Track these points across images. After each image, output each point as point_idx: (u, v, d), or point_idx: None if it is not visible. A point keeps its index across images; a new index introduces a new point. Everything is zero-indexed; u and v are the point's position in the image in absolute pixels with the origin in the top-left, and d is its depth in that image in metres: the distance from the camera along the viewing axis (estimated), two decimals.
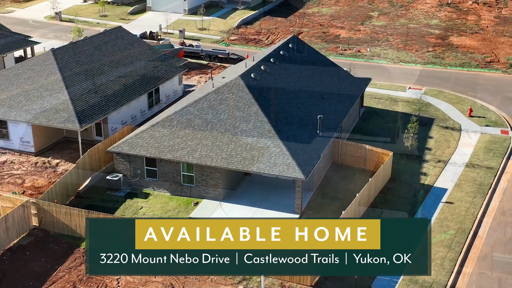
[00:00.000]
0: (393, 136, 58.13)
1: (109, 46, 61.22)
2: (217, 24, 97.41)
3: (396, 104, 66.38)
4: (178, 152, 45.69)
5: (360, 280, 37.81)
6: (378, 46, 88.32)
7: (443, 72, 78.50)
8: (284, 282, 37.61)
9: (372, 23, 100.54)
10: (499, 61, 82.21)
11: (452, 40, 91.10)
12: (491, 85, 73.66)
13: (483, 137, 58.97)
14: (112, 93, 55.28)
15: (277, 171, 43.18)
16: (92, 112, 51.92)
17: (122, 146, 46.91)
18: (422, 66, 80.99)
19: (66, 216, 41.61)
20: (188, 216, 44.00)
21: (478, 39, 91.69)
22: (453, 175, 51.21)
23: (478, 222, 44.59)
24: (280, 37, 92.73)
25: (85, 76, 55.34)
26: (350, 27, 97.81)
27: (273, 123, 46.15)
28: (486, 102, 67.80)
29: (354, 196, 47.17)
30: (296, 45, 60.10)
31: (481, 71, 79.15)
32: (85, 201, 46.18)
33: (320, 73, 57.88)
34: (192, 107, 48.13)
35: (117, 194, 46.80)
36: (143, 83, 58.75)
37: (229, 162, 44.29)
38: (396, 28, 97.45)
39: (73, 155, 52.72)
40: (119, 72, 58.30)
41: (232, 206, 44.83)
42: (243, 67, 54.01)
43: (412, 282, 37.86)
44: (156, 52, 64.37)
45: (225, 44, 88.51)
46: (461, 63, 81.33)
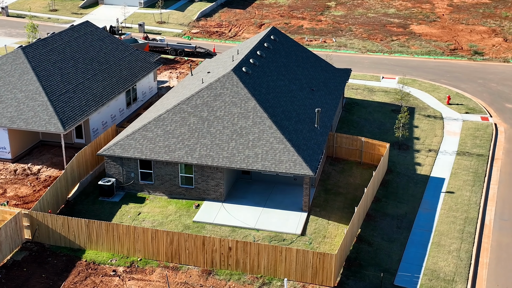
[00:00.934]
0: (380, 127, 57.50)
1: (80, 42, 57.79)
2: (176, 17, 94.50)
3: (374, 94, 65.90)
4: (175, 153, 43.33)
5: (381, 277, 36.79)
6: (343, 36, 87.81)
7: (411, 61, 78.71)
8: (306, 285, 36.14)
9: (331, 13, 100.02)
10: (462, 48, 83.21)
11: (413, 28, 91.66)
12: (460, 72, 74.33)
13: (465, 124, 59.20)
14: (91, 93, 52.13)
15: (284, 168, 41.56)
16: (74, 113, 48.72)
17: (113, 149, 44.10)
18: (389, 55, 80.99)
19: (63, 227, 38.64)
20: (192, 220, 41.77)
21: (437, 27, 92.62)
22: (447, 164, 51.01)
23: (482, 211, 44.43)
24: (243, 29, 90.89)
25: (61, 75, 51.91)
26: (310, 18, 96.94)
27: (273, 118, 44.45)
28: (461, 90, 68.28)
29: (356, 190, 46.37)
30: (277, 37, 58.45)
31: (447, 58, 79.84)
32: (77, 208, 43.20)
33: (305, 64, 56.50)
34: (185, 105, 45.79)
35: (111, 200, 44.01)
36: (121, 81, 55.77)
37: (232, 161, 42.32)
38: (356, 18, 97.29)
39: (54, 160, 49.39)
40: (95, 69, 55.09)
41: (235, 207, 42.92)
42: (229, 61, 51.95)
43: (434, 277, 37.15)
44: (128, 47, 61.32)
45: (188, 38, 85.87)
46: (427, 51, 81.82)
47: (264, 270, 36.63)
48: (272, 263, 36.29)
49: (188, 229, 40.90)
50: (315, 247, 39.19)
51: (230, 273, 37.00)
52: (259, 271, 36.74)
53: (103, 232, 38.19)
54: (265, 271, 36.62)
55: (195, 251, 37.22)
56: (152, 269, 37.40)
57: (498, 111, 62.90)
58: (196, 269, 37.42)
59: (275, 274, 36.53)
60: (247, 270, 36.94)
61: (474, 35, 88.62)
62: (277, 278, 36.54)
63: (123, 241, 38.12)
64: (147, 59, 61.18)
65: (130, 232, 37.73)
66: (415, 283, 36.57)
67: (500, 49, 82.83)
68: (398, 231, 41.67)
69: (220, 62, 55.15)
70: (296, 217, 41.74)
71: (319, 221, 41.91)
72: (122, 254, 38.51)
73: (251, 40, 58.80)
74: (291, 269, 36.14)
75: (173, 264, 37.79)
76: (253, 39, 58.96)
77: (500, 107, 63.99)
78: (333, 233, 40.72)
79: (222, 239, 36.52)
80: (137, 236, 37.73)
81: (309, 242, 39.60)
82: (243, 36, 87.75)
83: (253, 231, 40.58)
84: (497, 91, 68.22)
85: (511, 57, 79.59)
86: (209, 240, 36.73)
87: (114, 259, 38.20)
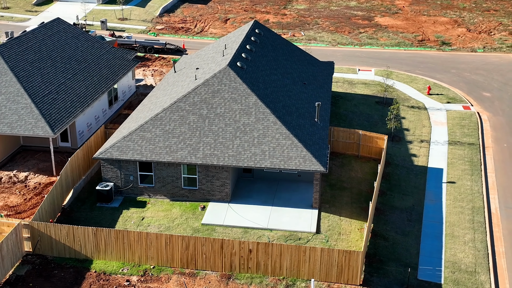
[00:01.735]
0: (368, 119, 57.02)
1: (55, 40, 54.72)
2: (137, 13, 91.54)
3: (355, 87, 65.45)
4: (177, 153, 41.36)
5: (405, 272, 36.11)
6: (310, 29, 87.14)
7: (383, 53, 78.78)
8: (332, 284, 35.03)
9: (294, 7, 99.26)
10: (429, 39, 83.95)
11: (378, 20, 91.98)
12: (433, 62, 74.86)
13: (450, 114, 59.48)
14: (75, 93, 49.36)
15: (293, 165, 40.28)
16: (60, 115, 45.94)
17: (111, 152, 41.72)
18: (360, 47, 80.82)
19: (68, 236, 36.16)
20: (200, 222, 39.96)
21: (401, 19, 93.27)
22: (441, 154, 50.97)
23: (486, 200, 44.46)
24: (208, 24, 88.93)
25: (41, 76, 48.92)
26: (275, 12, 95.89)
27: (276, 114, 43.08)
28: (437, 80, 68.69)
29: (359, 184, 45.68)
30: (261, 31, 57.00)
31: (417, 49, 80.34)
32: (75, 216, 40.65)
33: (292, 58, 55.31)
34: (183, 103, 43.82)
35: (109, 205, 41.63)
36: (102, 80, 53.10)
37: (239, 160, 40.72)
38: (320, 11, 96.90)
39: (40, 166, 46.46)
40: (74, 68, 52.25)
41: (243, 207, 41.36)
42: (219, 56, 50.16)
43: (456, 269, 36.74)
44: (104, 45, 58.56)
45: (154, 34, 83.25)
46: (396, 43, 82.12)
47: (286, 271, 35.29)
48: (295, 263, 35.00)
49: (197, 232, 39.09)
50: (332, 245, 38.15)
51: (250, 276, 35.49)
52: (281, 273, 35.39)
53: (112, 240, 35.94)
54: (288, 272, 35.30)
55: (212, 255, 35.50)
56: (168, 277, 35.45)
57: (477, 100, 63.54)
58: (214, 274, 35.71)
59: (298, 275, 35.27)
60: (268, 272, 35.51)
61: (438, 26, 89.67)
62: (300, 279, 35.29)
63: (135, 249, 35.99)
64: (125, 57, 58.63)
65: (142, 239, 35.64)
66: (439, 276, 36.04)
67: (466, 39, 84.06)
68: (409, 224, 41.12)
69: (206, 57, 53.29)
70: (307, 215, 40.57)
71: (331, 217, 40.88)
72: (133, 262, 36.38)
73: (234, 35, 57.14)
74: (315, 269, 34.94)
75: (189, 270, 35.95)
76: (236, 33, 57.32)
77: (478, 96, 64.67)
78: (347, 230, 39.77)
79: (242, 242, 34.95)
80: (149, 242, 35.69)
81: (326, 240, 38.52)
82: (210, 31, 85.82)
83: (266, 231, 39.17)
84: (472, 80, 68.99)
85: (478, 47, 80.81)
86: (228, 243, 35.09)
87: (126, 268, 36.03)
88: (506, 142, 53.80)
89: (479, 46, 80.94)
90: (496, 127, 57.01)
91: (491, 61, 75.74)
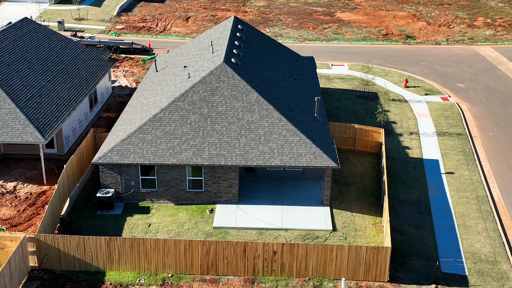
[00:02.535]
0: (354, 114, 56.57)
1: (27, 41, 51.51)
2: (94, 13, 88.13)
3: (333, 82, 64.98)
4: (182, 155, 39.46)
5: (428, 266, 35.64)
6: (275, 26, 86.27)
7: (351, 47, 78.77)
8: (359, 282, 34.11)
9: (253, 4, 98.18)
10: (393, 33, 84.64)
11: (339, 16, 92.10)
12: (402, 56, 75.39)
13: (431, 105, 59.83)
14: (58, 96, 46.52)
15: (304, 161, 39.16)
16: (48, 120, 43.13)
17: (110, 156, 39.37)
18: (327, 43, 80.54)
19: (78, 248, 33.74)
20: (212, 226, 38.23)
21: (361, 14, 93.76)
22: (433, 146, 51.03)
23: (487, 189, 44.66)
24: (170, 23, 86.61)
25: (20, 79, 45.84)
26: (235, 9, 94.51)
27: (279, 110, 41.83)
28: (410, 73, 69.11)
29: (362, 178, 45.15)
30: (244, 26, 55.55)
31: (384, 43, 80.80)
32: (75, 226, 38.12)
33: (277, 53, 54.14)
34: (181, 102, 41.91)
35: (111, 213, 39.30)
36: (82, 82, 50.36)
37: (247, 159, 39.24)
38: (280, 8, 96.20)
39: (28, 174, 43.47)
40: (52, 70, 49.30)
41: (252, 208, 39.91)
42: (208, 53, 48.42)
43: (477, 259, 36.53)
44: (78, 45, 55.67)
45: (115, 34, 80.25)
46: (362, 38, 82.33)
47: (312, 272, 34.13)
48: (322, 263, 33.88)
49: (210, 236, 37.38)
50: (351, 242, 37.26)
51: (275, 279, 34.13)
52: (307, 274, 34.19)
53: (126, 249, 33.78)
54: (313, 273, 34.15)
55: (234, 260, 33.93)
56: (188, 285, 33.62)
57: (453, 91, 64.25)
58: (237, 279, 34.15)
59: (324, 275, 34.17)
60: (293, 274, 34.25)
61: (399, 20, 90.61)
62: (326, 279, 34.20)
63: (151, 257, 33.96)
64: (100, 57, 55.91)
65: (159, 246, 33.65)
66: (462, 268, 35.73)
67: (428, 32, 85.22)
68: (420, 217, 40.75)
69: (191, 55, 51.40)
70: (320, 213, 39.53)
71: (343, 214, 40.01)
72: (149, 271, 34.32)
73: (215, 31, 55.41)
74: (342, 267, 33.94)
75: (210, 276, 34.23)
76: (217, 30, 55.61)
77: (453, 87, 65.41)
78: (362, 225, 39.00)
79: (265, 243, 33.54)
80: (167, 249, 33.74)
81: (344, 237, 37.59)
82: (173, 30, 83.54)
83: (281, 231, 37.87)
84: (443, 72, 69.80)
85: (441, 40, 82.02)
86: (251, 246, 33.60)
87: (142, 278, 33.94)
88: (491, 131, 54.46)
89: (442, 39, 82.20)
90: (477, 117, 57.69)
91: (456, 53, 76.97)
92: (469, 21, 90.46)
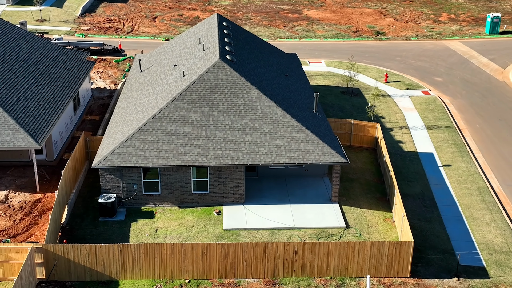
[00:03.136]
0: (341, 110, 56.11)
1: (3, 42, 48.75)
2: (56, 14, 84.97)
3: (314, 78, 64.41)
4: (186, 156, 37.94)
5: (445, 259, 35.32)
6: (245, 24, 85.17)
7: (324, 44, 78.47)
8: (382, 279, 33.44)
9: (219, 3, 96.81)
10: (363, 30, 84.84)
11: (307, 13, 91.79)
12: (376, 52, 75.55)
13: (414, 100, 59.99)
14: (44, 99, 44.17)
15: (313, 158, 38.27)
16: (38, 124, 40.82)
17: (111, 159, 37.48)
18: (300, 40, 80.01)
19: (89, 257, 31.84)
20: (222, 228, 36.85)
21: (328, 11, 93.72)
22: (425, 139, 51.03)
23: (486, 180, 44.83)
24: (137, 23, 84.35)
25: (3, 81, 43.27)
26: (202, 8, 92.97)
27: (282, 107, 40.82)
28: (387, 68, 69.23)
29: (363, 174, 44.70)
30: (228, 23, 54.24)
31: (356, 40, 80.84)
32: (78, 234, 36.09)
33: (264, 50, 53.07)
34: (180, 101, 40.37)
35: (114, 219, 37.42)
36: (66, 84, 48.05)
37: (254, 158, 38.05)
38: (247, 6, 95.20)
39: (18, 182, 41.04)
40: (34, 72, 46.84)
41: (260, 208, 38.75)
42: (198, 51, 46.94)
43: (492, 250, 36.40)
44: (54, 46, 53.18)
45: (82, 35, 77.51)
46: (333, 35, 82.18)
47: (333, 270, 33.26)
48: (343, 261, 33.05)
49: (222, 238, 36.02)
50: (366, 238, 36.58)
51: (296, 280, 33.10)
52: (328, 273, 33.30)
53: (141, 256, 32.09)
54: (335, 271, 33.29)
55: (254, 262, 32.72)
56: None
57: (432, 85, 64.66)
58: (256, 281, 32.94)
59: (346, 273, 33.35)
60: (314, 273, 33.29)
61: (367, 17, 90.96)
62: (348, 277, 33.39)
63: (167, 263, 32.38)
64: (79, 58, 53.61)
65: (175, 251, 32.12)
66: (479, 260, 35.52)
67: (397, 28, 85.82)
68: (427, 210, 40.47)
69: (177, 53, 49.78)
70: (330, 210, 38.72)
71: (353, 210, 39.32)
72: (164, 278, 32.72)
73: (199, 29, 53.90)
74: (364, 265, 33.20)
75: (228, 280, 32.91)
76: (200, 28, 54.11)
77: (431, 81, 65.84)
78: (373, 221, 38.40)
79: (286, 243, 32.48)
80: (184, 254, 32.24)
81: (359, 234, 36.89)
82: (141, 30, 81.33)
83: (294, 230, 36.86)
84: (419, 66, 70.24)
85: (411, 35, 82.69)
86: (271, 247, 32.47)
87: (158, 285, 32.32)
88: (477, 123, 54.91)
89: (412, 35, 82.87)
90: (461, 109, 58.12)
91: (428, 48, 77.69)
92: (434, 16, 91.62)
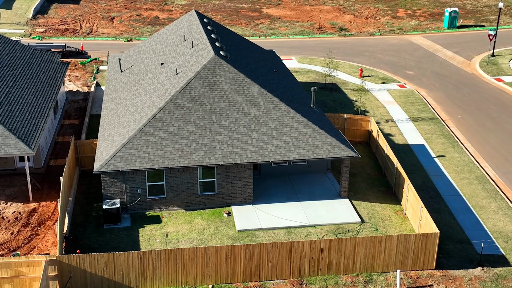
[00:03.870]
0: (324, 105, 55.44)
1: None
2: (6, 16, 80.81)
3: None
4: (193, 156, 36.16)
5: (464, 249, 35.04)
6: None
7: (291, 41, 77.80)
8: (408, 273, 32.75)
9: (175, 2, 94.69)
10: (326, 27, 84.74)
11: (267, 12, 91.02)
12: (343, 47, 75.46)
13: (392, 93, 60.06)
14: (27, 103, 41.32)
15: (323, 153, 37.27)
16: (27, 129, 38.04)
17: (114, 163, 35.26)
18: (265, 38, 79.02)
19: (107, 266, 29.69)
20: (236, 229, 35.27)
21: (287, 9, 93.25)
22: (413, 131, 50.99)
23: (482, 168, 45.06)
24: (94, 24, 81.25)
25: None
26: (159, 8, 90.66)
27: (285, 102, 39.64)
28: (358, 63, 69.19)
29: (363, 168, 44.21)
30: (208, 20, 52.61)
31: (320, 36, 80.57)
32: (83, 244, 33.72)
33: (248, 47, 51.75)
34: (179, 99, 38.54)
35: (120, 226, 35.22)
36: (45, 87, 45.20)
37: (263, 155, 36.69)
38: (204, 6, 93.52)
39: (7, 192, 38.12)
40: (11, 75, 43.81)
41: (271, 207, 37.42)
42: (185, 48, 45.15)
43: (506, 238, 36.35)
44: (24, 47, 50.09)
45: (39, 38, 73.90)
46: (298, 32, 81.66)
47: (360, 267, 32.32)
48: (370, 256, 32.16)
49: (237, 240, 34.47)
50: (383, 232, 35.86)
51: (323, 278, 31.97)
52: (354, 270, 32.33)
53: (162, 263, 30.19)
54: (361, 267, 32.35)
55: (279, 262, 31.38)
56: None
57: (406, 78, 64.99)
58: (282, 282, 31.61)
59: (372, 269, 32.47)
60: (340, 271, 32.25)
61: (327, 14, 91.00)
62: (374, 272, 32.52)
63: (189, 269, 30.60)
64: (52, 60, 50.71)
65: (198, 256, 30.39)
66: (496, 248, 35.38)
67: (358, 24, 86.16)
68: (434, 201, 40.17)
69: (162, 51, 47.82)
70: (341, 205, 37.81)
71: (363, 204, 38.56)
72: (187, 285, 30.92)
73: (177, 26, 52.02)
74: (390, 259, 32.42)
75: (253, 283, 31.43)
76: (179, 24, 52.27)
77: (404, 75, 66.21)
78: (385, 215, 37.75)
79: (313, 241, 31.32)
80: (207, 258, 30.55)
81: (375, 228, 36.12)
82: (100, 31, 78.32)
83: (310, 228, 35.71)
84: (388, 61, 70.58)
85: (374, 31, 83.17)
86: (297, 246, 31.23)
87: None
88: (458, 114, 55.37)
89: (375, 30, 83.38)
90: (439, 101, 58.56)
91: (392, 43, 78.28)
92: (392, 12, 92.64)
